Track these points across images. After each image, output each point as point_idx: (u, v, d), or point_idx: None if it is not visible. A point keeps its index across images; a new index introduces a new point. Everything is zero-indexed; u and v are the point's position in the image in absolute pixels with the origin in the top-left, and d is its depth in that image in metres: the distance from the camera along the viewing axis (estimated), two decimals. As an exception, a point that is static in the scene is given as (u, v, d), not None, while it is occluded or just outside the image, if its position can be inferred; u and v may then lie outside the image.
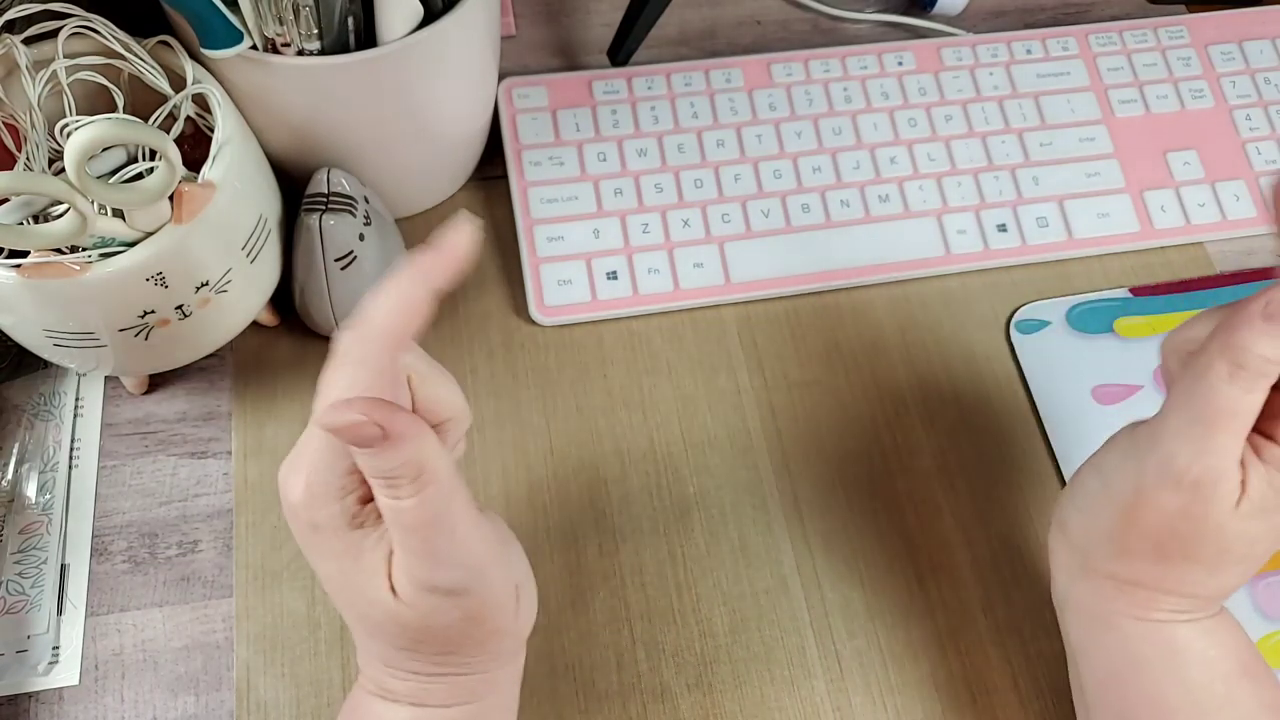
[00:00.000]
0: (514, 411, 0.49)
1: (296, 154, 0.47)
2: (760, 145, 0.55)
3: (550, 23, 0.61)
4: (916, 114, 0.56)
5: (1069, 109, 0.57)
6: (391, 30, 0.42)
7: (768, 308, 0.52)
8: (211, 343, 0.46)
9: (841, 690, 0.43)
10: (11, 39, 0.41)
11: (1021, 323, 0.52)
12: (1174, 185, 0.55)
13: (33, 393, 0.48)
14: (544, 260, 0.51)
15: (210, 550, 0.46)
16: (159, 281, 0.40)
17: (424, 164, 0.51)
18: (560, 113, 0.55)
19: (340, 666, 0.43)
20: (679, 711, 0.43)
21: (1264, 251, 0.55)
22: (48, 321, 0.40)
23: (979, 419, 0.50)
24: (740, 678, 0.44)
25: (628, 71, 0.56)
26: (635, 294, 0.51)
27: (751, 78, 0.57)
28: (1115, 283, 0.53)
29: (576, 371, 0.50)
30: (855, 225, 0.53)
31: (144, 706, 0.43)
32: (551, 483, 0.47)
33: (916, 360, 0.51)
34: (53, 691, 0.43)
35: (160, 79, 0.42)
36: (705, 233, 0.52)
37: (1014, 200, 0.54)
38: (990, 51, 0.58)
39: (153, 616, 0.44)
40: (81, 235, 0.37)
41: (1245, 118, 0.57)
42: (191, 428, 0.48)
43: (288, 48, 0.42)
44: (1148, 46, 0.59)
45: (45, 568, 0.45)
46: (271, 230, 0.45)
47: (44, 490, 0.46)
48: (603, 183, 0.53)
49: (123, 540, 0.46)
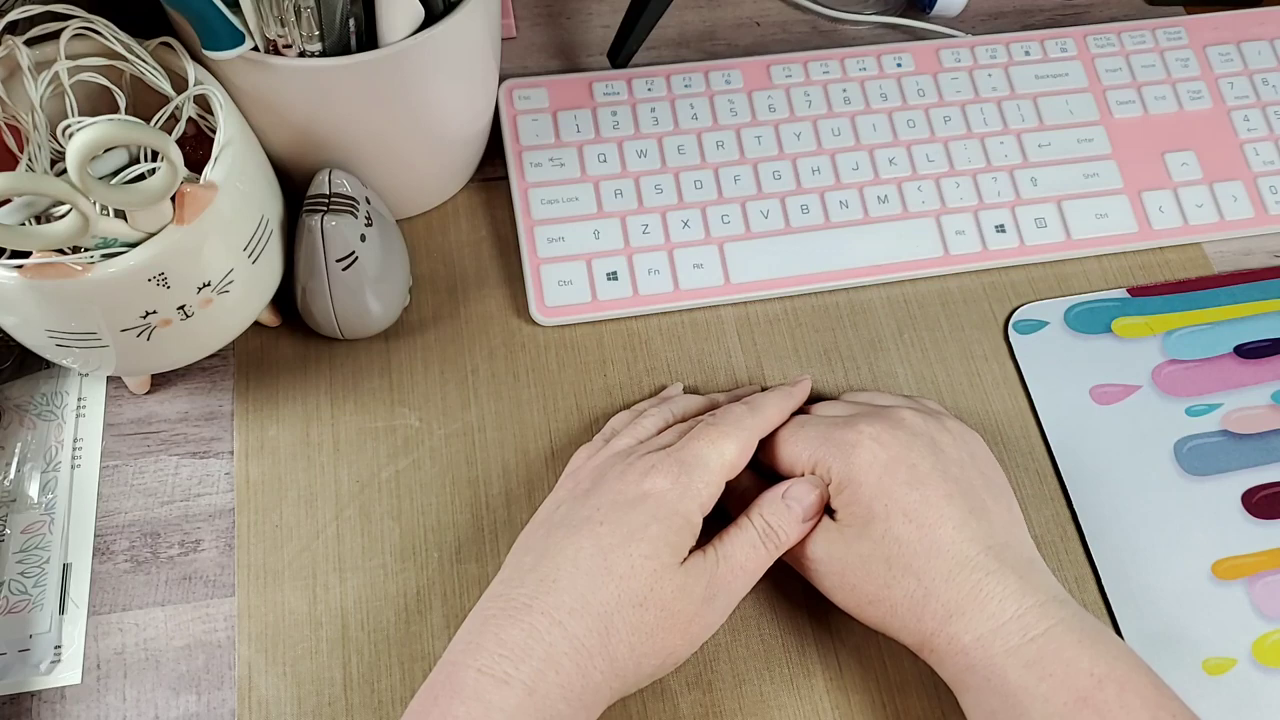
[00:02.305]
0: (514, 411, 0.49)
1: (298, 155, 0.47)
2: (760, 146, 0.55)
3: (550, 24, 0.61)
4: (915, 115, 0.56)
5: (1067, 110, 0.57)
6: (393, 32, 0.42)
7: (767, 308, 0.52)
8: (213, 343, 0.46)
9: (841, 690, 0.44)
10: (14, 40, 0.41)
11: (1020, 323, 0.52)
12: (1172, 186, 0.56)
13: (35, 393, 0.49)
14: (544, 261, 0.52)
15: (212, 550, 0.46)
16: (161, 282, 0.40)
17: (425, 165, 0.51)
18: (560, 114, 0.55)
19: (340, 665, 0.43)
20: (679, 710, 0.43)
21: (1261, 252, 0.55)
22: (50, 322, 0.40)
23: (978, 419, 0.50)
24: (740, 676, 0.44)
25: (628, 73, 0.57)
26: (635, 294, 0.51)
27: (751, 79, 0.57)
28: (1113, 283, 0.54)
29: (576, 371, 0.50)
30: (854, 226, 0.53)
31: (146, 705, 0.43)
32: (552, 482, 0.47)
33: (916, 360, 0.51)
34: (55, 690, 0.43)
35: (162, 80, 0.42)
36: (705, 233, 0.53)
37: (1012, 201, 0.54)
38: (989, 53, 0.58)
39: (154, 616, 0.44)
40: (84, 236, 0.37)
41: (1243, 119, 0.58)
42: (193, 427, 0.48)
43: (289, 49, 0.42)
44: (1146, 48, 0.59)
45: (47, 567, 0.45)
46: (273, 231, 0.45)
47: (46, 490, 0.47)
48: (603, 184, 0.54)
49: (124, 540, 0.46)
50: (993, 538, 0.40)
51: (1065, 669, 0.36)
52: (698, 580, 0.39)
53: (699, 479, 0.40)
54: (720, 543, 0.41)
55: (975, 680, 0.38)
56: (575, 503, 0.41)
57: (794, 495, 0.42)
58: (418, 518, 0.47)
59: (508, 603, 0.38)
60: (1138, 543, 0.47)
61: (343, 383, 0.49)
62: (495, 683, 0.36)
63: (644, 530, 0.39)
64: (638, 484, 0.40)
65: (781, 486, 0.42)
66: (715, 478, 0.41)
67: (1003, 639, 0.38)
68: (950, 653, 0.39)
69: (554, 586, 0.38)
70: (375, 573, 0.45)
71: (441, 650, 0.43)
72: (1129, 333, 0.52)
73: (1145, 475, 0.48)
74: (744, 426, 0.42)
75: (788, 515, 0.41)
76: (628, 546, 0.38)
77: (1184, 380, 0.51)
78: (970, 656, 0.38)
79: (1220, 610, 0.45)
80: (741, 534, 0.41)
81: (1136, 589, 0.46)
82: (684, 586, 0.39)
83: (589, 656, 0.37)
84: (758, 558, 0.41)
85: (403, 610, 0.45)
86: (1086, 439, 0.49)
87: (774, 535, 0.41)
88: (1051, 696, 0.36)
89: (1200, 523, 0.47)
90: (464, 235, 0.54)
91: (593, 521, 0.39)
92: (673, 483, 0.40)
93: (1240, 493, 0.48)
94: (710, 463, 0.41)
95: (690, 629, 0.39)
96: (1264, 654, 0.44)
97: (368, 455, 0.48)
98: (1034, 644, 0.37)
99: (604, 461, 0.43)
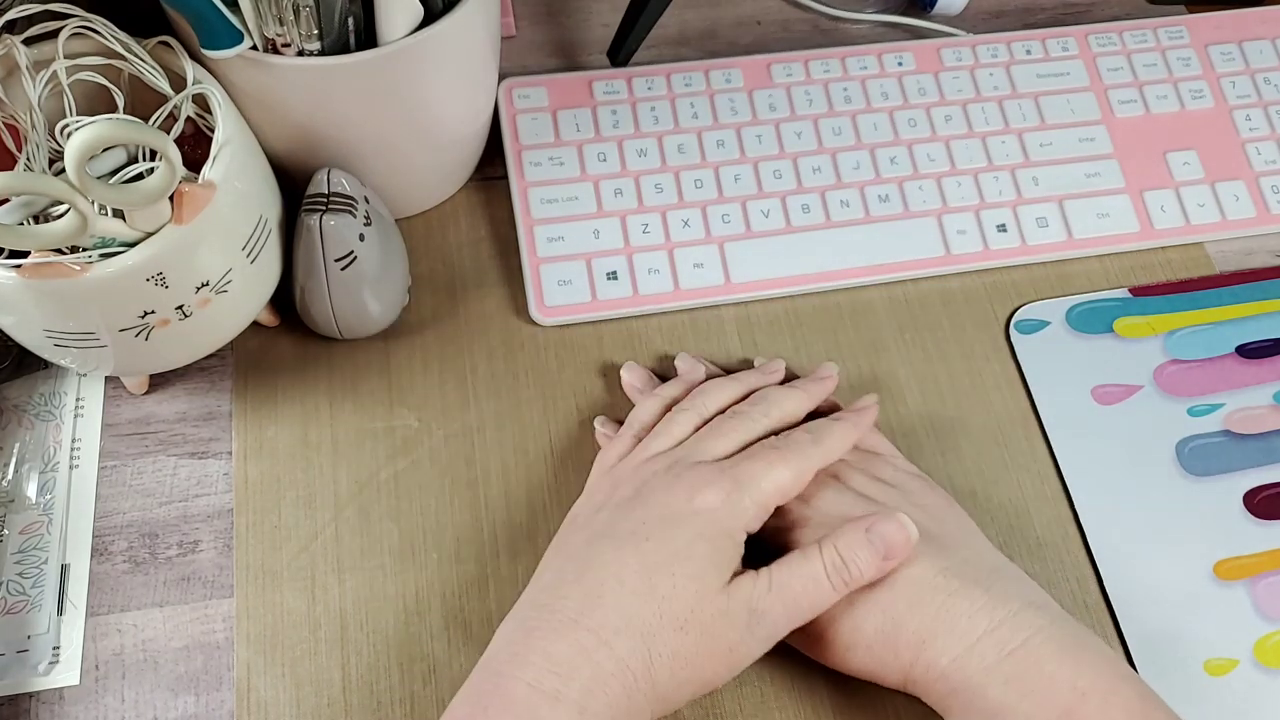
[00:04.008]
0: (514, 411, 0.49)
1: (297, 154, 0.47)
2: (760, 145, 0.55)
3: (550, 23, 0.61)
4: (916, 114, 0.56)
5: (1069, 109, 0.57)
6: (392, 30, 0.42)
7: (768, 308, 0.52)
8: (212, 343, 0.46)
9: (841, 690, 0.43)
10: (12, 39, 0.41)
11: (1021, 323, 0.52)
12: (1174, 185, 0.55)
13: (33, 393, 0.49)
14: (544, 260, 0.51)
15: (210, 550, 0.46)
16: (159, 282, 0.40)
17: (424, 164, 0.51)
18: (560, 113, 0.55)
19: (339, 666, 0.43)
20: (679, 710, 0.43)
21: (1263, 251, 0.55)
22: (48, 322, 0.40)
23: (979, 419, 0.50)
24: (740, 677, 0.44)
25: (628, 72, 0.57)
26: (635, 294, 0.51)
27: (751, 78, 0.57)
28: (1115, 283, 0.54)
29: (576, 371, 0.50)
30: (855, 225, 0.53)
31: (144, 706, 0.43)
32: (551, 483, 0.47)
33: (916, 360, 0.51)
34: (53, 691, 0.43)
35: (160, 79, 0.42)
36: (705, 233, 0.52)
37: (1014, 200, 0.54)
38: (990, 52, 0.58)
39: (153, 616, 0.44)
40: (82, 235, 0.37)
41: (1245, 118, 0.57)
42: (192, 428, 0.48)
43: (288, 48, 0.42)
44: (1147, 47, 0.59)
45: (46, 568, 0.45)
46: (272, 230, 0.45)
47: (44, 490, 0.46)
48: (603, 183, 0.53)
49: (123, 540, 0.46)
50: (946, 559, 0.39)
51: (1047, 684, 0.36)
52: (741, 605, 0.38)
53: (749, 498, 0.40)
54: (776, 568, 0.39)
55: (958, 704, 0.38)
56: (618, 512, 0.40)
57: (879, 531, 0.38)
58: (417, 518, 0.46)
59: (552, 614, 0.38)
60: (1139, 543, 0.47)
61: (341, 383, 0.49)
62: (547, 699, 0.35)
63: (689, 549, 0.38)
64: (687, 499, 0.39)
65: (864, 520, 0.39)
66: (766, 500, 0.40)
67: (979, 657, 0.37)
68: (930, 680, 0.38)
69: (599, 603, 0.37)
70: (374, 573, 0.45)
71: (441, 651, 0.44)
72: (1130, 332, 0.52)
73: (1147, 475, 0.48)
74: (807, 455, 0.41)
75: (867, 550, 0.38)
76: (672, 566, 0.38)
77: (1186, 380, 0.51)
78: (950, 680, 0.38)
79: (1222, 611, 0.45)
80: (804, 563, 0.39)
81: (1138, 589, 0.46)
82: (726, 611, 0.38)
83: (634, 679, 0.36)
84: (819, 591, 0.38)
85: (402, 611, 0.44)
86: (1088, 439, 0.49)
87: (845, 570, 0.38)
88: (1035, 714, 0.36)
89: (1202, 523, 0.47)
90: (463, 235, 0.54)
91: (638, 536, 0.39)
92: (723, 501, 0.39)
93: (1242, 493, 0.48)
94: (764, 485, 0.40)
95: (731, 657, 0.38)
96: (1265, 655, 0.44)
97: (367, 456, 0.48)
98: (1012, 658, 0.37)
99: (643, 465, 0.42)
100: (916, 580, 0.39)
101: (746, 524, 0.40)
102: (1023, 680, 0.36)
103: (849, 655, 0.40)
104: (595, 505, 0.42)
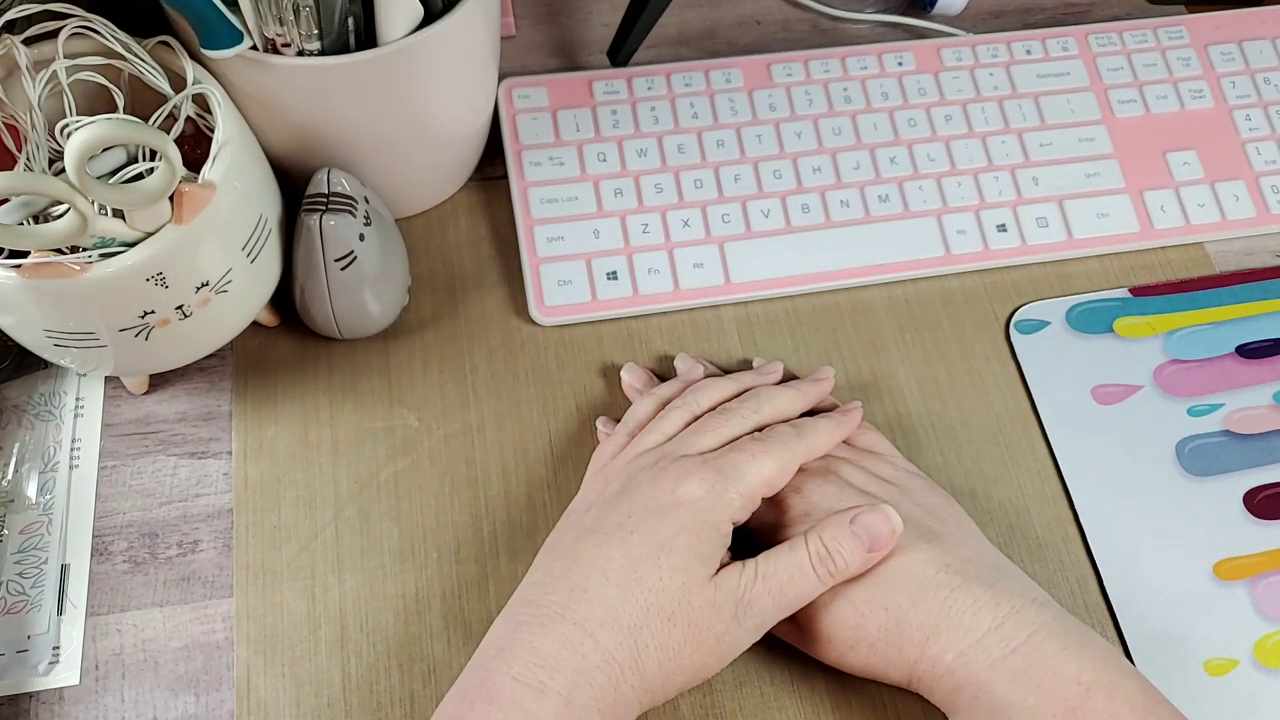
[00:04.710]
0: (514, 411, 0.49)
1: (297, 154, 0.47)
2: (760, 145, 0.55)
3: (550, 23, 0.61)
4: (916, 114, 0.56)
5: (1069, 109, 0.57)
6: (392, 30, 0.42)
7: (768, 308, 0.52)
8: (212, 343, 0.46)
9: (842, 690, 0.43)
10: (12, 39, 0.41)
11: (1021, 323, 0.52)
12: (1174, 185, 0.55)
13: (33, 393, 0.49)
14: (544, 260, 0.51)
15: (210, 550, 0.46)
16: (159, 282, 0.40)
17: (424, 164, 0.51)
18: (560, 113, 0.55)
19: (339, 666, 0.43)
20: (679, 711, 0.43)
21: (1263, 251, 0.55)
22: (48, 322, 0.40)
23: (979, 419, 0.50)
24: (740, 677, 0.44)
25: (628, 72, 0.57)
26: (635, 294, 0.51)
27: (751, 78, 0.57)
28: (1115, 283, 0.54)
29: (576, 371, 0.50)
30: (855, 225, 0.53)
31: (144, 706, 0.43)
32: (551, 482, 0.47)
33: (916, 360, 0.51)
34: (53, 691, 0.43)
35: (160, 79, 0.42)
36: (705, 233, 0.52)
37: (1014, 200, 0.54)
38: (990, 52, 0.58)
39: (153, 616, 0.44)
40: (82, 235, 0.37)
41: (1245, 118, 0.57)
42: (192, 428, 0.48)
43: (288, 48, 0.42)
44: (1147, 47, 0.59)
45: (45, 568, 0.45)
46: (272, 230, 0.45)
47: (44, 490, 0.46)
48: (603, 183, 0.53)
49: (123, 540, 0.46)
50: (947, 556, 0.40)
51: (1052, 679, 0.36)
52: (727, 596, 0.38)
53: (734, 489, 0.40)
54: (763, 559, 0.39)
55: (964, 700, 0.38)
56: (606, 506, 0.41)
57: (863, 523, 0.39)
58: (417, 518, 0.46)
59: (539, 609, 0.38)
60: (1139, 543, 0.47)
61: (341, 383, 0.49)
62: (531, 691, 0.35)
63: (673, 540, 0.38)
64: (671, 490, 0.40)
65: (849, 511, 0.39)
66: (751, 491, 0.40)
67: (984, 652, 0.37)
68: (935, 676, 0.38)
69: (585, 597, 0.38)
70: (374, 573, 0.45)
71: (441, 651, 0.44)
72: (1130, 332, 0.52)
73: (1147, 475, 0.48)
74: (790, 448, 0.42)
75: (851, 541, 0.39)
76: (657, 558, 0.38)
77: (1185, 380, 0.51)
78: (955, 676, 0.38)
79: (1222, 611, 0.45)
80: (790, 554, 0.39)
81: (1138, 589, 0.46)
82: (713, 602, 0.38)
83: (620, 670, 0.37)
84: (805, 582, 0.39)
85: (401, 611, 0.44)
86: (1088, 439, 0.49)
87: (830, 560, 0.39)
88: (1040, 709, 0.36)
89: (1202, 523, 0.47)
90: (463, 235, 0.54)
91: (624, 529, 0.39)
92: (707, 491, 0.39)
93: (1242, 493, 0.48)
94: (749, 476, 0.40)
95: (719, 647, 0.38)
96: (1266, 655, 0.44)
97: (366, 455, 0.48)
98: (1017, 654, 0.37)
99: (632, 461, 0.42)
100: (919, 577, 0.39)
101: (732, 515, 0.40)
102: (1028, 675, 0.36)
103: (852, 653, 0.40)
104: (587, 503, 0.42)
